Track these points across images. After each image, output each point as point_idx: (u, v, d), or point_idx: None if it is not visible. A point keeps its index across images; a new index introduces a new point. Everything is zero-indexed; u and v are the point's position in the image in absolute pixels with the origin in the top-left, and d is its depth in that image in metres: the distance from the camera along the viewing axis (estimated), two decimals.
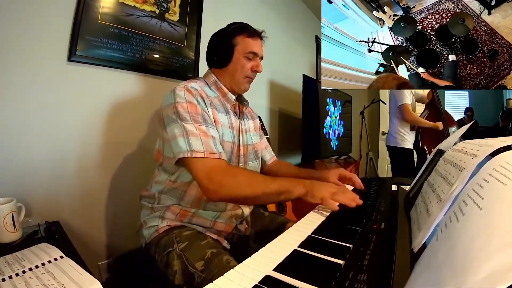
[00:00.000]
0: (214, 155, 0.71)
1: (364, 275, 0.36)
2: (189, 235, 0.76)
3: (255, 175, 0.76)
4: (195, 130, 0.72)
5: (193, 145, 0.70)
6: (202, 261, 0.66)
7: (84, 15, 1.02)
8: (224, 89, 0.89)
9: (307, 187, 0.70)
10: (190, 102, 0.76)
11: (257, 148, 1.00)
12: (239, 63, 0.87)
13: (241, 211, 0.88)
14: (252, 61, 0.88)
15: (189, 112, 0.74)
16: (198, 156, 0.69)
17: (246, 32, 0.87)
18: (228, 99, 0.90)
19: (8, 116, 0.89)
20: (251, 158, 0.96)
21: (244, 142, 0.92)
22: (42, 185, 0.97)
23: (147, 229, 0.82)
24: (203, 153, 0.70)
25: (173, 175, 0.82)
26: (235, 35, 0.86)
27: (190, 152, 0.69)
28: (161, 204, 0.83)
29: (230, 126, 0.87)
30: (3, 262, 0.58)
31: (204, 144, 0.71)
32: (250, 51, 0.86)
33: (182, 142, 0.71)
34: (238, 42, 0.86)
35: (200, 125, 0.74)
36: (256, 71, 0.90)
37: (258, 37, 0.89)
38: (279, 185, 0.70)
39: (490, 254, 0.19)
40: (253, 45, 0.87)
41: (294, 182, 0.71)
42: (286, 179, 0.73)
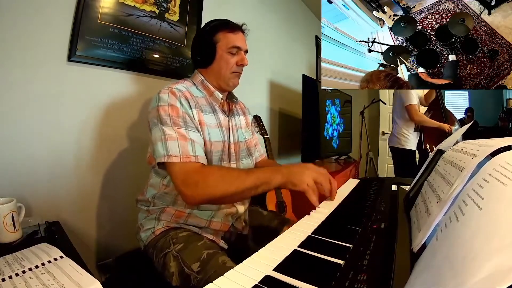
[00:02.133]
0: (190, 158, 0.71)
1: (364, 275, 0.36)
2: (185, 236, 0.76)
3: (230, 172, 0.75)
4: (173, 133, 0.72)
5: (170, 150, 0.70)
6: (198, 263, 0.66)
7: (84, 15, 1.02)
8: (211, 88, 0.88)
9: (285, 175, 0.67)
10: (172, 105, 0.75)
11: (250, 145, 0.99)
12: (223, 59, 0.85)
13: (236, 209, 0.88)
14: (236, 55, 0.87)
15: (170, 115, 0.74)
16: (174, 161, 0.69)
17: (226, 28, 0.86)
18: (215, 98, 0.89)
19: (8, 116, 0.88)
20: (244, 155, 0.95)
21: (235, 140, 0.92)
22: (42, 185, 0.97)
23: (144, 232, 0.82)
24: (179, 157, 0.70)
25: (165, 179, 0.82)
26: (215, 32, 0.85)
27: (167, 157, 0.69)
28: (156, 207, 0.83)
29: (219, 125, 0.86)
30: (3, 262, 0.58)
31: (181, 147, 0.71)
32: (233, 46, 0.85)
33: (160, 147, 0.71)
34: (219, 38, 0.85)
35: (179, 128, 0.73)
36: (242, 65, 0.88)
37: (239, 30, 0.88)
38: (255, 178, 0.68)
39: (490, 254, 0.19)
40: (235, 39, 0.86)
41: (271, 171, 0.69)
42: (263, 170, 0.71)
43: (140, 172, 1.23)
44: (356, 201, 0.74)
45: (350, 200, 0.76)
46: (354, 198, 0.76)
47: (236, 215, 0.89)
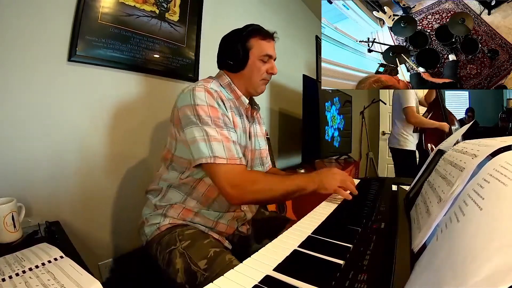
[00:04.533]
0: (236, 161, 0.72)
1: (364, 275, 0.36)
2: (192, 234, 0.76)
3: (273, 179, 0.78)
4: (217, 135, 0.72)
5: (216, 151, 0.70)
6: (205, 260, 0.66)
7: (84, 15, 1.02)
8: (238, 92, 0.88)
9: (317, 182, 0.75)
10: (211, 106, 0.75)
11: (263, 154, 1.00)
12: (255, 66, 0.86)
13: (244, 214, 0.88)
14: (267, 63, 0.88)
15: (211, 116, 0.73)
16: (220, 162, 0.70)
17: (260, 35, 0.86)
18: (241, 102, 0.88)
19: (8, 116, 0.88)
20: (257, 163, 0.96)
21: (253, 147, 0.93)
22: (42, 185, 0.97)
23: (148, 226, 0.82)
24: (225, 159, 0.70)
25: (183, 174, 0.82)
26: (249, 38, 0.85)
27: (213, 158, 0.69)
28: (165, 202, 0.83)
29: (244, 130, 0.87)
30: (3, 262, 0.58)
31: (226, 149, 0.71)
32: (266, 54, 0.86)
33: (204, 147, 0.70)
34: (252, 45, 0.85)
35: (222, 130, 0.73)
36: (272, 73, 0.89)
37: (271, 38, 0.89)
38: (296, 185, 0.74)
39: (490, 255, 0.19)
40: (268, 48, 0.87)
41: (307, 179, 0.76)
42: (299, 177, 0.77)
43: (141, 172, 1.24)
44: (356, 201, 0.74)
45: (350, 200, 0.76)
46: (354, 198, 0.76)
47: (242, 219, 0.89)
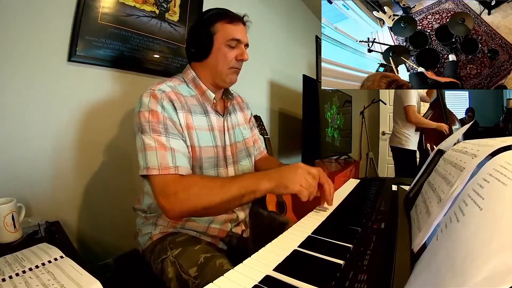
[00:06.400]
0: (169, 170, 0.65)
1: (364, 275, 0.36)
2: (183, 241, 0.74)
3: (212, 181, 0.67)
4: (152, 143, 0.67)
5: (149, 161, 0.66)
6: (195, 267, 0.64)
7: (84, 15, 1.02)
8: (203, 87, 0.80)
9: (275, 179, 0.62)
10: (152, 110, 0.69)
11: (249, 144, 0.93)
12: (221, 52, 0.77)
13: (236, 215, 0.85)
14: (235, 49, 0.78)
15: (149, 121, 0.68)
16: (153, 173, 0.65)
17: (226, 18, 0.77)
18: (206, 98, 0.81)
19: (8, 116, 0.89)
20: (243, 155, 0.90)
21: (232, 141, 0.86)
22: (42, 185, 0.97)
23: (142, 236, 0.81)
24: (157, 169, 0.65)
25: None
26: (213, 22, 0.77)
27: (146, 169, 0.65)
28: (153, 212, 0.81)
29: (210, 128, 0.80)
30: (3, 262, 0.58)
31: (159, 158, 0.66)
32: (232, 38, 0.77)
33: (140, 158, 0.68)
34: (217, 29, 0.76)
35: (159, 136, 0.68)
36: (242, 60, 0.80)
37: (240, 21, 0.80)
38: (239, 187, 0.62)
39: (490, 255, 0.19)
40: (235, 31, 0.77)
41: (257, 177, 0.64)
42: (248, 176, 0.65)
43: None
44: (356, 201, 0.74)
45: (350, 200, 0.76)
46: (354, 198, 0.76)
47: (235, 221, 0.86)
